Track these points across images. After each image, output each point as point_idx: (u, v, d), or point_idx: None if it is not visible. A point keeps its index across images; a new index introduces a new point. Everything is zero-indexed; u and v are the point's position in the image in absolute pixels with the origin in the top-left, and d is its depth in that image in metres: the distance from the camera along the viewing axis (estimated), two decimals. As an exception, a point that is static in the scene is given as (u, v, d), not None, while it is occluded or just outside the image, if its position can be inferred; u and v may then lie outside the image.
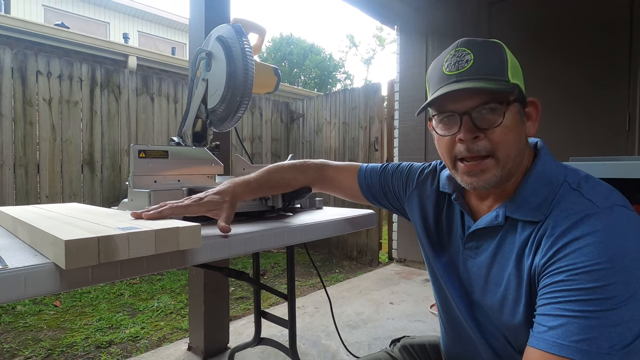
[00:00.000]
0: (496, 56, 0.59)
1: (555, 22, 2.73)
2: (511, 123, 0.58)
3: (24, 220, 0.67)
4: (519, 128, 0.60)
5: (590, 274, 0.47)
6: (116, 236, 0.51)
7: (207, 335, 1.87)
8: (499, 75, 0.58)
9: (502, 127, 0.58)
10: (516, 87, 0.59)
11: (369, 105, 3.89)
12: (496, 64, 0.58)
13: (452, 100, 0.59)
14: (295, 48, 19.73)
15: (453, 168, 0.64)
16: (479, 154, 0.59)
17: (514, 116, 0.59)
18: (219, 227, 0.69)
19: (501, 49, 0.60)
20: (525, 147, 0.63)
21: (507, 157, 0.59)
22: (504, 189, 0.63)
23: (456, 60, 0.59)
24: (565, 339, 0.46)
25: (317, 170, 0.90)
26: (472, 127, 0.58)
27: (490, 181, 0.59)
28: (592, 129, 2.57)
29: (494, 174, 0.59)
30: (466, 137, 0.59)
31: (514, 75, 0.59)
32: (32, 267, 0.49)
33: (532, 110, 0.63)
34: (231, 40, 1.08)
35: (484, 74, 0.57)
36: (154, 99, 3.55)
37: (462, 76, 0.58)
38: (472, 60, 0.58)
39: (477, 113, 0.58)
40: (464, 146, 0.59)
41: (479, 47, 0.60)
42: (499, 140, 0.58)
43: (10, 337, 2.12)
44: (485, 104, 0.57)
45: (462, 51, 0.59)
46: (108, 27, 9.69)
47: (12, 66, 2.82)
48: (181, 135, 1.22)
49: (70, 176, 3.08)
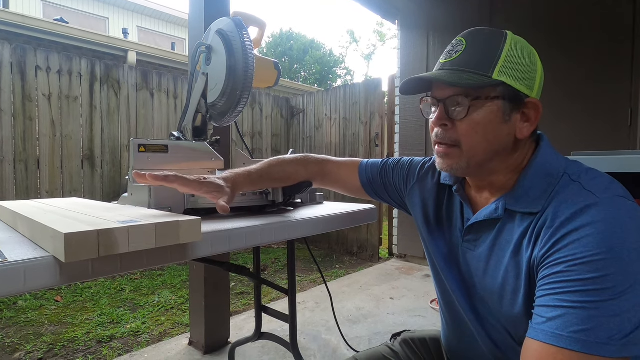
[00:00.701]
0: (487, 49, 0.58)
1: (556, 17, 2.71)
2: (482, 119, 0.58)
3: (23, 214, 0.66)
4: (495, 126, 0.59)
5: (589, 264, 0.47)
6: (116, 229, 0.51)
7: (208, 330, 1.88)
8: (480, 69, 0.57)
9: (469, 121, 0.59)
10: (500, 84, 0.57)
11: (370, 100, 3.88)
12: (483, 58, 0.58)
13: (438, 86, 0.63)
14: (295, 43, 19.66)
15: (434, 150, 0.67)
16: (443, 141, 0.62)
17: (491, 114, 0.58)
18: (218, 205, 0.68)
19: (499, 42, 0.59)
20: (518, 145, 0.61)
21: (472, 151, 0.60)
22: (498, 182, 0.63)
23: (450, 48, 0.62)
24: (564, 329, 0.46)
25: (318, 165, 0.90)
26: (443, 115, 0.61)
27: (454, 167, 0.62)
28: (593, 125, 2.57)
29: (457, 162, 0.61)
30: (435, 123, 0.63)
31: (504, 71, 0.57)
32: (31, 260, 0.48)
33: (532, 112, 0.60)
34: (231, 33, 1.07)
35: (465, 67, 0.58)
36: (153, 95, 3.54)
37: (446, 65, 0.61)
38: (461, 52, 0.60)
39: (449, 103, 0.60)
40: (436, 131, 0.63)
41: (475, 39, 0.60)
42: (463, 133, 0.60)
43: (11, 332, 2.13)
44: (453, 95, 0.59)
45: (458, 41, 0.62)
46: (107, 22, 9.65)
47: (11, 61, 2.81)
48: (181, 129, 1.21)
49: (71, 172, 3.07)
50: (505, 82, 0.57)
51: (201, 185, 0.69)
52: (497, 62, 0.57)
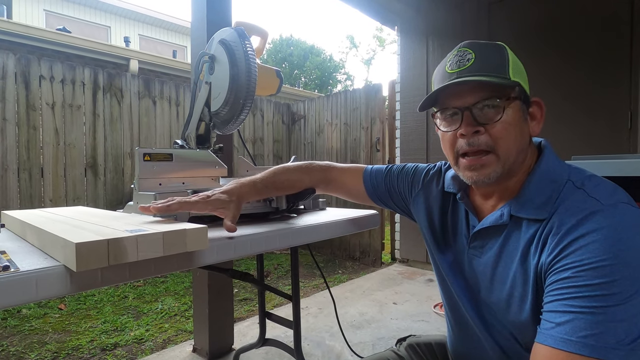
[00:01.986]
0: (497, 55, 0.61)
1: (555, 21, 2.73)
2: (512, 119, 0.60)
3: (33, 224, 0.68)
4: (521, 126, 0.61)
5: (596, 270, 0.48)
6: (125, 239, 0.52)
7: (212, 336, 1.88)
8: (499, 72, 0.59)
9: (502, 123, 0.59)
10: (517, 84, 0.60)
11: (370, 105, 3.90)
12: (497, 62, 0.60)
13: (455, 96, 0.62)
14: (295, 49, 19.76)
15: (455, 164, 0.65)
16: (479, 147, 0.60)
17: (515, 113, 0.60)
18: (226, 226, 0.70)
19: (503, 49, 0.62)
20: (528, 146, 0.64)
21: (508, 153, 0.60)
22: (506, 188, 0.64)
23: (458, 59, 0.62)
24: (572, 334, 0.47)
25: (322, 172, 0.91)
26: (472, 121, 0.60)
27: (490, 176, 0.60)
28: (593, 128, 2.57)
29: (494, 169, 0.60)
30: (467, 132, 0.60)
31: (515, 73, 0.60)
32: (43, 269, 0.49)
33: (536, 110, 0.65)
34: (234, 43, 1.09)
35: (485, 71, 0.59)
36: (156, 102, 3.57)
37: (462, 73, 0.60)
38: (473, 59, 0.60)
39: (477, 109, 0.60)
40: (465, 140, 0.61)
41: (480, 47, 0.62)
42: (499, 136, 0.59)
43: (16, 341, 2.13)
44: (486, 99, 0.59)
45: (464, 51, 0.62)
46: (109, 31, 9.73)
47: (15, 71, 2.84)
48: (185, 138, 1.23)
49: (74, 180, 3.09)
50: (520, 83, 0.60)
51: (207, 204, 0.71)
52: (508, 65, 0.60)
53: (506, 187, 0.64)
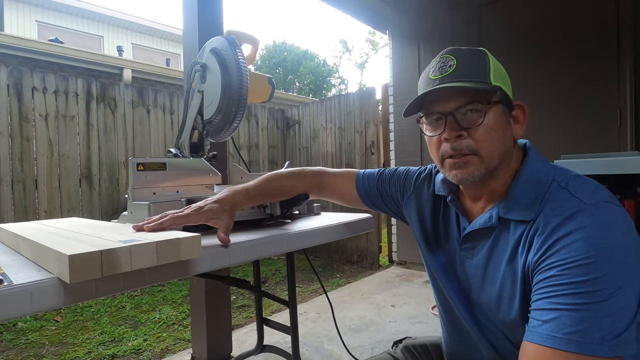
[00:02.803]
0: (478, 61, 0.63)
1: (544, 24, 2.77)
2: (494, 123, 0.61)
3: (26, 237, 0.68)
4: (503, 129, 0.63)
5: (580, 268, 0.49)
6: (118, 249, 0.53)
7: (210, 345, 1.87)
8: (480, 77, 0.61)
9: (484, 126, 0.61)
10: (499, 89, 0.62)
11: (364, 109, 3.92)
12: (478, 68, 0.62)
13: (438, 102, 0.64)
14: (289, 55, 19.84)
15: (442, 167, 0.67)
16: (461, 152, 0.62)
17: (497, 117, 0.62)
18: (219, 237, 0.71)
19: (484, 55, 0.64)
20: (513, 148, 0.65)
21: (491, 155, 0.61)
22: (493, 190, 0.65)
23: (440, 65, 0.64)
24: (558, 331, 0.48)
25: (315, 178, 0.91)
26: (455, 126, 0.62)
27: (474, 174, 0.62)
28: (583, 127, 2.60)
29: (477, 168, 0.62)
30: (450, 136, 0.62)
31: (496, 78, 0.62)
32: (37, 282, 0.50)
33: (520, 113, 0.66)
34: (225, 52, 1.10)
35: (466, 77, 0.61)
36: (149, 111, 3.57)
37: (445, 79, 0.62)
38: (455, 65, 0.62)
39: (460, 113, 0.62)
40: (449, 145, 0.63)
41: (462, 54, 0.64)
42: (481, 139, 0.61)
43: (12, 355, 2.11)
44: (468, 104, 0.61)
45: (446, 58, 0.64)
46: (102, 41, 9.73)
47: (7, 83, 2.83)
48: (178, 146, 1.23)
49: (69, 190, 3.08)
50: (502, 87, 0.62)
51: (200, 216, 0.71)
52: (489, 69, 0.62)
53: (493, 189, 0.65)
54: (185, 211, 0.71)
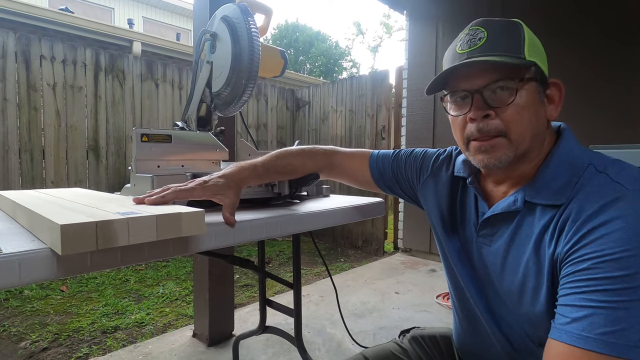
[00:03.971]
0: (511, 33, 0.56)
1: (570, 7, 2.63)
2: (526, 102, 0.56)
3: (22, 205, 0.64)
4: (536, 109, 0.57)
5: (618, 261, 0.44)
6: (115, 221, 0.49)
7: (212, 322, 1.87)
8: (513, 51, 0.55)
9: (514, 106, 0.55)
10: (533, 64, 0.56)
11: (377, 93, 3.83)
12: (511, 41, 0.56)
13: (464, 78, 0.58)
14: (301, 35, 19.47)
15: (466, 150, 0.62)
16: (488, 134, 0.57)
17: (530, 95, 0.56)
18: (224, 217, 0.67)
19: (518, 26, 0.57)
20: (546, 130, 0.60)
21: (520, 138, 0.56)
22: (521, 173, 0.60)
23: (469, 38, 0.58)
24: (590, 331, 0.43)
25: (326, 157, 0.87)
26: (483, 105, 0.57)
27: (502, 159, 0.57)
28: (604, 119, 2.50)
29: (505, 152, 0.57)
30: (476, 116, 0.57)
31: (531, 53, 0.56)
32: (27, 252, 0.46)
33: (555, 92, 0.60)
34: (236, 20, 1.04)
35: (497, 51, 0.55)
36: (158, 85, 3.52)
37: (473, 53, 0.56)
38: (485, 38, 0.56)
39: (488, 91, 0.56)
40: (475, 125, 0.58)
41: (493, 25, 0.57)
42: (511, 119, 0.56)
43: (17, 321, 2.14)
44: (497, 80, 0.55)
45: (476, 29, 0.58)
46: (113, 13, 9.61)
47: (15, 50, 2.79)
48: (185, 119, 1.19)
49: (76, 162, 3.07)
50: (537, 63, 0.56)
51: (204, 190, 0.67)
52: (524, 43, 0.55)
53: (520, 173, 0.60)
54: (189, 185, 0.67)
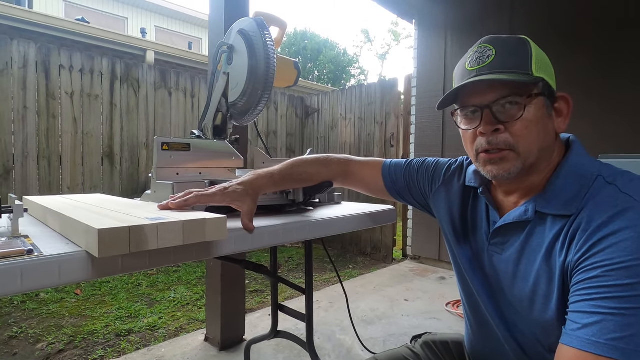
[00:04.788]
0: (519, 50, 0.59)
1: (580, 16, 2.64)
2: (534, 117, 0.58)
3: (54, 210, 0.68)
4: (544, 123, 0.59)
5: (628, 269, 0.46)
6: (146, 226, 0.52)
7: (224, 326, 1.90)
8: (521, 68, 0.58)
9: (523, 121, 0.58)
10: (541, 80, 0.58)
11: (385, 100, 3.86)
12: (519, 58, 0.58)
13: (474, 94, 0.61)
14: (309, 43, 19.66)
15: (476, 161, 0.64)
16: (497, 146, 0.59)
17: (538, 110, 0.58)
18: (243, 224, 0.70)
19: (526, 43, 0.60)
20: (555, 142, 0.62)
21: (528, 151, 0.58)
22: (530, 184, 0.62)
23: (478, 56, 0.61)
24: (601, 336, 0.45)
25: (340, 165, 0.89)
26: (492, 120, 0.59)
27: (510, 171, 0.59)
28: (619, 127, 2.49)
29: (514, 164, 0.59)
30: (486, 130, 0.60)
31: (539, 69, 0.58)
32: (66, 254, 0.50)
33: (563, 105, 0.62)
34: (253, 33, 1.08)
35: (506, 68, 0.58)
36: (171, 94, 3.60)
37: (482, 70, 0.59)
38: (494, 56, 0.59)
39: (497, 106, 0.59)
40: (485, 139, 0.60)
41: (501, 43, 0.60)
42: (519, 134, 0.58)
43: (34, 324, 2.19)
44: (506, 97, 0.58)
45: (485, 47, 0.61)
46: (126, 22, 9.83)
47: (36, 60, 2.89)
48: (201, 128, 1.23)
49: (91, 168, 3.15)
50: (545, 79, 0.58)
51: (224, 197, 0.70)
52: (531, 60, 0.58)
53: (529, 184, 0.62)
54: (210, 191, 0.71)
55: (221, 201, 0.70)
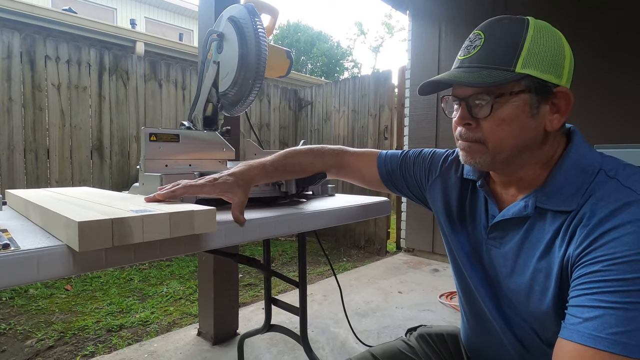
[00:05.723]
0: (508, 41, 0.55)
1: (575, 6, 2.63)
2: (508, 115, 0.55)
3: (36, 203, 0.65)
4: (523, 121, 0.56)
5: (630, 264, 0.45)
6: (130, 218, 0.50)
7: (217, 321, 1.88)
8: (502, 63, 0.54)
9: (493, 119, 0.56)
10: (524, 77, 0.54)
11: (379, 93, 3.83)
12: (504, 50, 0.55)
13: (457, 85, 0.61)
14: (302, 35, 19.48)
15: (457, 146, 0.65)
16: (467, 140, 0.60)
17: (517, 109, 0.55)
18: (234, 216, 0.67)
19: (522, 30, 0.55)
20: (548, 137, 0.58)
21: (498, 148, 0.58)
22: (525, 177, 0.61)
23: (468, 44, 0.60)
24: (602, 331, 0.44)
25: (334, 156, 0.87)
26: (466, 114, 0.59)
27: (478, 163, 0.60)
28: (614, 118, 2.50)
29: (483, 158, 0.59)
30: (459, 122, 0.61)
31: (529, 62, 0.54)
32: (44, 249, 0.47)
33: (561, 101, 0.57)
34: (243, 20, 1.04)
35: (485, 62, 0.56)
36: (162, 85, 3.53)
37: (464, 63, 0.59)
38: (480, 46, 0.57)
39: (472, 101, 0.58)
40: (459, 130, 0.61)
41: (494, 30, 0.57)
42: (489, 131, 0.57)
43: (23, 320, 2.15)
44: (477, 94, 0.57)
45: (476, 35, 0.59)
46: (115, 13, 9.64)
47: (20, 50, 2.80)
48: (191, 119, 1.20)
49: (80, 162, 3.09)
50: (530, 75, 0.54)
51: (214, 188, 0.68)
52: (519, 53, 0.54)
53: (520, 177, 0.61)
54: (199, 181, 0.68)
55: (211, 192, 0.68)
